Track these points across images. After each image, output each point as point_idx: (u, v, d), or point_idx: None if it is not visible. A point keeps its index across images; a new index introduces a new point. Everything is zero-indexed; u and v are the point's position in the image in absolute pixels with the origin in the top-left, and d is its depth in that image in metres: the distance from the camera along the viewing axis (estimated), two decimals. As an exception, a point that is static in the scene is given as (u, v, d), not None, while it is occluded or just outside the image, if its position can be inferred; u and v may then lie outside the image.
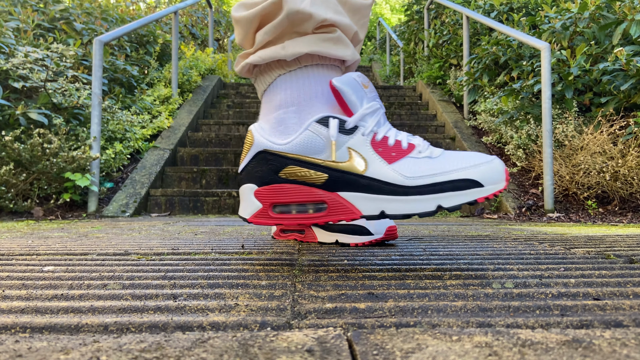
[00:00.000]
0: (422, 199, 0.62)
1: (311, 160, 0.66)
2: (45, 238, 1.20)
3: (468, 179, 0.61)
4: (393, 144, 0.66)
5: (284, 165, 0.67)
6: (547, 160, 2.34)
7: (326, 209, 0.66)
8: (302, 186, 0.66)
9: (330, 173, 0.65)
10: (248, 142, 0.71)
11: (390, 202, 0.63)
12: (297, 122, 0.69)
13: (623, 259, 0.78)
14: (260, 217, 0.68)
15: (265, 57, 0.71)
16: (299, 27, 0.71)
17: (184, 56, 4.54)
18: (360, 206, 0.64)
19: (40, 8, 3.55)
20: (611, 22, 2.61)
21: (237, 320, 0.44)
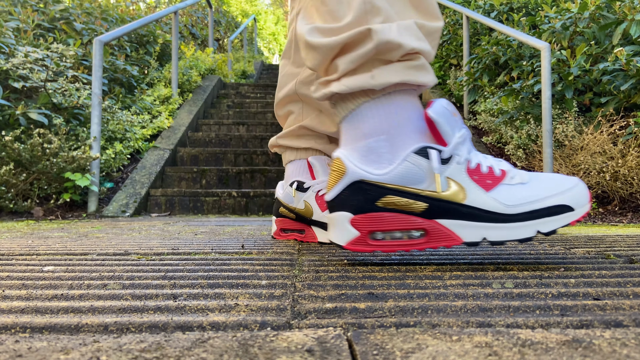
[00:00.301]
0: (521, 225, 0.66)
1: (411, 191, 0.68)
2: (45, 238, 1.20)
3: (562, 204, 0.66)
4: (487, 172, 0.68)
5: (382, 195, 0.68)
6: (547, 160, 2.34)
7: (426, 236, 0.68)
8: (400, 214, 0.68)
9: (431, 202, 0.67)
10: (338, 170, 0.71)
11: (492, 229, 0.66)
12: (389, 150, 0.69)
13: (623, 258, 0.78)
14: (358, 244, 0.69)
15: (353, 86, 0.70)
16: (386, 55, 0.71)
17: (184, 56, 4.54)
18: (461, 233, 0.67)
19: (40, 8, 3.56)
20: (611, 22, 2.61)
21: (237, 320, 0.44)
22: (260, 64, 6.76)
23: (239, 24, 7.72)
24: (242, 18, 8.81)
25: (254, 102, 4.14)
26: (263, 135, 3.33)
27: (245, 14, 9.44)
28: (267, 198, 2.58)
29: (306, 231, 1.04)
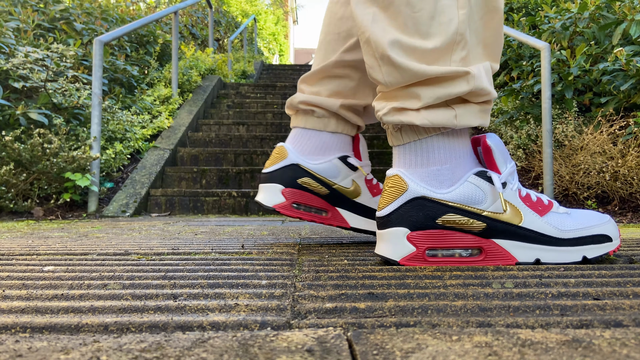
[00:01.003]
0: (571, 249, 0.72)
1: (472, 210, 0.71)
2: (46, 238, 1.20)
3: (604, 234, 0.73)
4: (536, 200, 0.74)
5: (443, 213, 0.71)
6: (547, 160, 2.34)
7: (482, 254, 0.72)
8: (459, 233, 0.71)
9: (489, 222, 0.71)
10: (397, 186, 0.73)
11: (545, 251, 0.72)
12: (450, 177, 0.73)
13: (623, 258, 0.78)
14: (414, 260, 0.71)
15: (436, 122, 0.71)
16: (470, 97, 0.73)
17: (184, 56, 4.54)
18: (516, 254, 0.72)
19: (41, 8, 3.56)
20: (611, 22, 2.61)
21: (237, 320, 0.44)
22: (260, 64, 6.76)
23: (239, 24, 7.72)
24: (242, 18, 8.81)
25: (254, 102, 4.14)
26: (263, 135, 3.33)
27: (245, 14, 9.44)
28: (267, 198, 2.58)
29: (330, 213, 0.93)
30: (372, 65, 0.74)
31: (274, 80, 6.08)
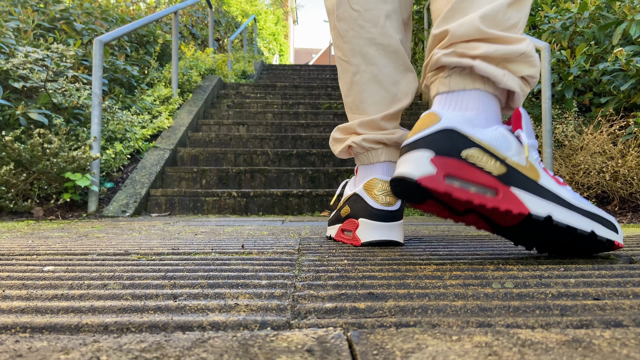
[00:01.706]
0: (583, 218, 0.73)
1: (496, 153, 0.73)
2: (46, 238, 1.20)
3: (611, 221, 0.75)
4: (553, 174, 0.77)
5: (469, 146, 0.72)
6: (547, 160, 2.34)
7: (498, 195, 0.71)
8: (479, 170, 0.71)
9: (510, 169, 0.72)
10: (431, 119, 0.75)
11: (559, 210, 0.72)
12: (483, 124, 0.76)
13: (623, 258, 0.78)
14: (432, 181, 0.70)
15: (488, 72, 0.77)
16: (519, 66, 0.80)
17: (184, 56, 4.54)
18: (530, 205, 0.71)
19: (41, 8, 3.56)
20: (611, 22, 2.61)
21: (237, 320, 0.44)
22: (260, 64, 6.76)
23: (239, 24, 7.72)
24: (242, 18, 8.81)
25: (254, 102, 4.14)
26: (263, 135, 3.33)
27: (245, 14, 9.44)
28: (267, 198, 2.59)
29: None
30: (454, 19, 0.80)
31: (274, 80, 6.09)
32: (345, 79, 1.01)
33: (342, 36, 1.00)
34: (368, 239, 0.93)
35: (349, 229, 0.99)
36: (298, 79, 6.25)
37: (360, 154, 1.01)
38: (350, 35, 0.99)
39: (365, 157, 1.01)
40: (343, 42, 1.00)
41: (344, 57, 1.01)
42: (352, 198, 0.99)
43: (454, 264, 0.74)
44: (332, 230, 1.10)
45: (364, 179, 1.00)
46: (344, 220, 1.02)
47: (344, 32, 1.00)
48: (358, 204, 0.96)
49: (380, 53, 0.98)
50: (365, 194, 0.95)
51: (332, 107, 4.06)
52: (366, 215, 0.94)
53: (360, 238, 0.94)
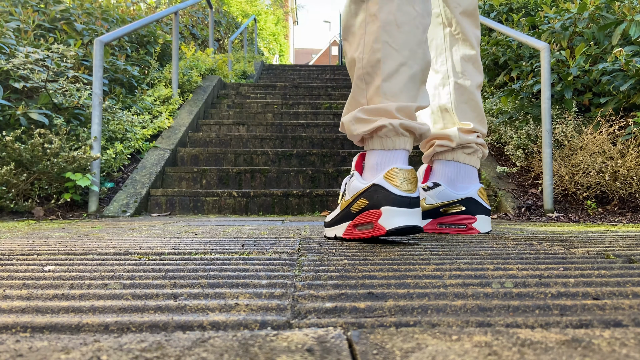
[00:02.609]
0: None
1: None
2: (46, 238, 1.20)
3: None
4: None
5: None
6: (547, 160, 2.34)
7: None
8: None
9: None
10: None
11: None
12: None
13: (622, 258, 0.79)
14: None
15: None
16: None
17: (184, 56, 4.55)
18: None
19: (41, 8, 3.56)
20: (610, 23, 2.61)
21: (237, 320, 0.44)
22: (261, 64, 6.76)
23: (239, 25, 7.72)
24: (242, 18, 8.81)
25: (254, 102, 4.14)
26: (263, 136, 3.33)
27: (245, 14, 9.44)
28: (267, 198, 2.59)
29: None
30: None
31: (274, 81, 6.09)
32: (391, 65, 1.02)
33: (399, 25, 1.03)
34: (394, 225, 0.94)
35: (367, 222, 1.00)
36: (298, 79, 6.25)
37: (388, 138, 1.02)
38: (407, 30, 1.03)
39: (391, 142, 1.02)
40: (398, 30, 1.03)
41: (394, 45, 1.03)
42: (370, 189, 1.00)
43: (453, 263, 0.74)
44: (336, 230, 1.11)
45: (381, 168, 1.01)
46: (357, 215, 1.03)
47: (401, 23, 1.03)
48: (379, 193, 0.98)
49: (423, 58, 1.05)
50: (387, 183, 0.97)
51: (332, 107, 4.06)
52: (389, 203, 0.95)
53: (385, 226, 0.95)
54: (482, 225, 1.28)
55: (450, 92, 1.32)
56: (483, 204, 1.29)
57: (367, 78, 1.05)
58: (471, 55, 1.34)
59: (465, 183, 1.31)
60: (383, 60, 1.03)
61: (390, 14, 1.03)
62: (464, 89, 1.32)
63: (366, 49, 1.04)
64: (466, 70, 1.33)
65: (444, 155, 1.33)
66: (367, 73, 1.05)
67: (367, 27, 1.05)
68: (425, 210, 1.31)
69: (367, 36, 1.05)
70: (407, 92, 1.03)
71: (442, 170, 1.33)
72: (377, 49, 1.03)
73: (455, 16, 1.33)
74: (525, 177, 2.74)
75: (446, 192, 1.29)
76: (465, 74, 1.33)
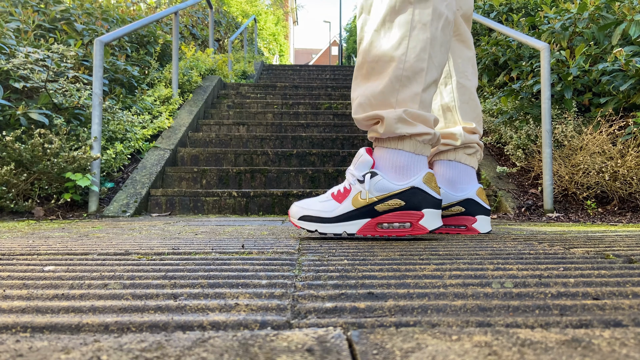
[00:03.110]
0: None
1: None
2: (46, 238, 1.20)
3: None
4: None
5: None
6: (547, 160, 2.34)
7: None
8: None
9: None
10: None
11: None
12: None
13: (622, 258, 0.79)
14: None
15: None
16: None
17: (184, 56, 4.55)
18: None
19: (41, 9, 3.56)
20: (610, 23, 2.61)
21: (237, 320, 0.44)
22: (261, 64, 6.76)
23: (239, 25, 7.72)
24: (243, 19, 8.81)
25: (254, 102, 4.14)
26: (263, 136, 3.33)
27: (245, 14, 9.44)
28: (267, 198, 2.59)
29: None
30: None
31: (274, 81, 6.09)
32: (430, 78, 1.08)
33: (441, 45, 1.09)
34: (436, 225, 1.07)
35: (402, 221, 1.06)
36: (298, 79, 6.25)
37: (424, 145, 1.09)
38: (444, 51, 1.11)
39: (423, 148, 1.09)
40: (440, 49, 1.09)
41: (435, 61, 1.09)
42: (408, 192, 1.06)
43: (453, 263, 0.74)
44: (346, 226, 1.11)
45: (414, 171, 1.08)
46: (383, 214, 1.07)
47: (442, 43, 1.09)
48: (419, 196, 1.06)
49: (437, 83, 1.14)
50: (426, 187, 1.06)
51: (332, 107, 4.06)
52: (430, 206, 1.06)
53: (428, 227, 1.06)
54: (482, 225, 1.28)
55: (453, 90, 1.33)
56: (482, 204, 1.29)
57: (405, 81, 1.06)
58: (470, 57, 1.37)
59: (464, 184, 1.31)
60: (427, 71, 1.06)
61: (438, 30, 1.07)
62: (465, 88, 1.34)
63: (411, 54, 1.06)
64: (467, 70, 1.35)
65: (445, 155, 1.33)
66: (407, 77, 1.06)
67: (414, 32, 1.06)
68: None
69: (412, 41, 1.06)
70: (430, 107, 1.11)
71: (443, 171, 1.33)
72: (423, 59, 1.06)
73: (456, 18, 1.35)
74: (525, 177, 2.74)
75: (446, 195, 1.29)
76: (466, 74, 1.35)
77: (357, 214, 1.09)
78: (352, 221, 1.09)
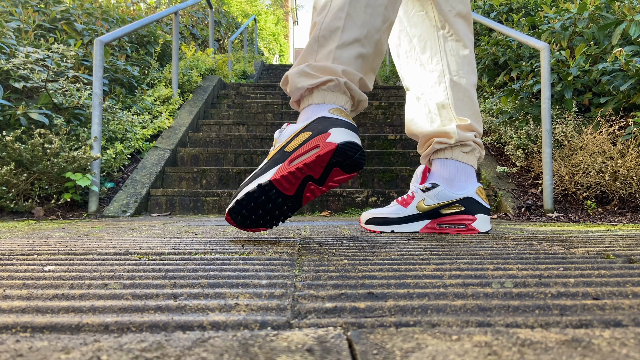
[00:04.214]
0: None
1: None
2: (46, 238, 1.20)
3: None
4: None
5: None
6: (547, 160, 2.34)
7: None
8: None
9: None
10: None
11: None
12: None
13: (622, 258, 0.79)
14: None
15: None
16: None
17: (184, 56, 4.55)
18: None
19: (41, 9, 3.56)
20: (610, 23, 2.61)
21: (237, 320, 0.44)
22: (261, 64, 6.76)
23: (239, 25, 7.72)
24: (243, 18, 8.81)
25: (254, 102, 4.14)
26: (263, 136, 3.33)
27: (245, 14, 9.44)
28: (267, 198, 2.58)
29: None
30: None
31: (274, 81, 6.08)
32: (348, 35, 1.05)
33: (365, 5, 1.06)
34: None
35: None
36: (298, 79, 6.23)
37: (331, 93, 1.04)
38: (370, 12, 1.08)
39: (332, 97, 1.05)
40: (363, 9, 1.06)
41: (356, 20, 1.06)
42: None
43: (453, 263, 0.74)
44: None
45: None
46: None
47: (368, 4, 1.07)
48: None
49: (376, 44, 1.10)
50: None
51: (332, 107, 4.06)
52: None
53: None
54: (482, 224, 1.29)
55: (446, 89, 1.35)
56: (482, 203, 1.30)
57: (322, 41, 1.06)
58: (465, 55, 1.37)
59: (463, 182, 1.32)
60: (343, 29, 1.05)
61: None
62: (459, 86, 1.35)
63: (329, 15, 1.06)
64: (461, 69, 1.36)
65: (442, 153, 1.34)
66: (323, 36, 1.06)
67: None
68: (424, 211, 1.33)
69: (333, 3, 1.06)
70: (354, 66, 1.05)
71: (440, 169, 1.34)
72: (339, 17, 1.05)
73: (449, 19, 1.36)
74: (525, 177, 2.74)
75: (445, 193, 1.30)
76: (460, 72, 1.36)
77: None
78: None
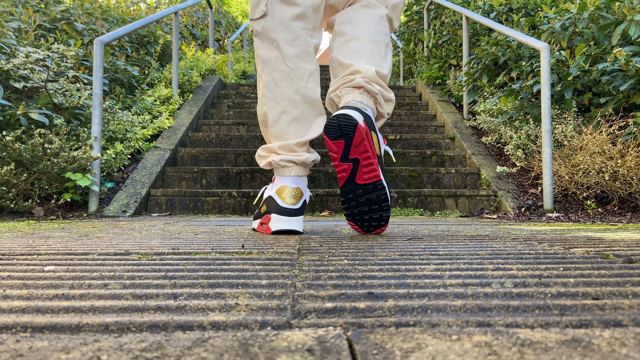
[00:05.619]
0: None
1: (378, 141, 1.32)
2: (46, 238, 1.20)
3: None
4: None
5: (374, 130, 1.27)
6: (547, 160, 2.34)
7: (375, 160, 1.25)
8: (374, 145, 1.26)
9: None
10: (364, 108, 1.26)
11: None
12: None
13: (622, 258, 0.79)
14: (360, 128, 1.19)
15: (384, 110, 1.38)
16: None
17: (184, 56, 4.54)
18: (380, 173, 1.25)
19: (42, 9, 3.56)
20: (610, 23, 2.61)
21: (237, 320, 0.44)
22: (261, 64, 6.75)
23: (239, 25, 7.72)
24: (243, 18, 8.81)
25: (254, 102, 4.14)
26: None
27: (245, 14, 9.44)
28: (267, 198, 2.59)
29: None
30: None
31: (274, 81, 6.07)
32: (273, 114, 1.30)
33: (276, 82, 1.29)
34: (275, 228, 1.25)
35: (265, 222, 1.28)
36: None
37: (277, 168, 1.30)
38: (283, 84, 1.28)
39: (281, 171, 1.29)
40: (276, 87, 1.29)
41: (274, 98, 1.29)
42: (267, 199, 1.30)
43: (453, 263, 0.74)
44: (255, 223, 1.38)
45: (277, 185, 1.29)
46: (263, 215, 1.30)
47: (277, 80, 1.29)
48: (271, 203, 1.27)
49: (303, 101, 1.28)
50: (276, 196, 1.27)
51: (332, 108, 4.06)
52: (276, 212, 1.25)
53: (271, 228, 1.26)
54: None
55: (333, 47, 1.39)
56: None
57: (262, 127, 1.36)
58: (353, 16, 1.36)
59: None
60: (268, 111, 1.30)
61: (269, 74, 1.29)
62: (341, 35, 1.35)
63: (259, 104, 1.34)
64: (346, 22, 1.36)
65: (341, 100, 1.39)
66: (262, 122, 1.35)
67: (259, 85, 1.34)
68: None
69: (259, 92, 1.34)
70: (291, 132, 1.28)
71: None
72: (263, 103, 1.32)
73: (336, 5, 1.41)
74: (525, 177, 2.74)
75: None
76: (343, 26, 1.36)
77: (257, 214, 1.37)
78: (256, 220, 1.38)
